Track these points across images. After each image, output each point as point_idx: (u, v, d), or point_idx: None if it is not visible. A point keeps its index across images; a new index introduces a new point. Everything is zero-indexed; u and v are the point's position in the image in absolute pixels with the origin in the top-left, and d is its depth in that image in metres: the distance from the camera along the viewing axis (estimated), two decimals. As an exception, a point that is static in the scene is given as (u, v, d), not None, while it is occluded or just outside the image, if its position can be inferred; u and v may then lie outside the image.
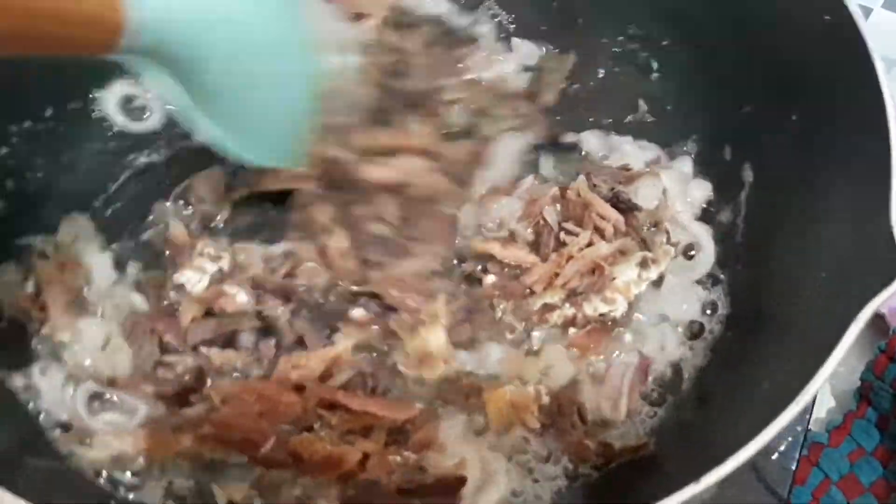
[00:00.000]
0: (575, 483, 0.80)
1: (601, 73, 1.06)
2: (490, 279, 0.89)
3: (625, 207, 0.92)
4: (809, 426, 0.91)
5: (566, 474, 0.80)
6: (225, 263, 0.87)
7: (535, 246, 0.91)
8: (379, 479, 0.73)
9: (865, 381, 0.95)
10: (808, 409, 0.91)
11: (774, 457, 0.87)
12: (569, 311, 0.87)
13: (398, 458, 0.76)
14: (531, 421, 0.80)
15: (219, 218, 0.93)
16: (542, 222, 0.91)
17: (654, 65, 1.05)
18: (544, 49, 1.06)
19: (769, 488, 0.85)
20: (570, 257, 0.88)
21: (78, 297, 0.87)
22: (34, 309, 0.85)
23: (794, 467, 0.87)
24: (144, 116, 0.99)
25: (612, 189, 0.93)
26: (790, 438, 0.88)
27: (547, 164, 1.00)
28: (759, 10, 0.89)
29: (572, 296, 0.88)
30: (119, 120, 0.99)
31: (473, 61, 1.04)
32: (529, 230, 0.92)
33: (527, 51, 1.07)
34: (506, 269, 0.90)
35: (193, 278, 0.86)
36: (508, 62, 1.05)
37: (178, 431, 0.77)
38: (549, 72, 1.05)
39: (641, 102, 1.04)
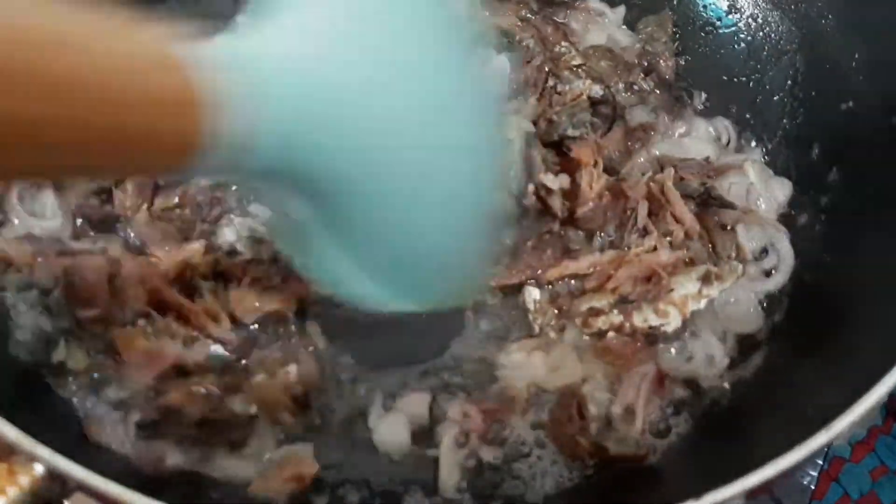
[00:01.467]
0: (568, 483, 0.75)
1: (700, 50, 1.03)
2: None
3: (716, 205, 0.87)
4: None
5: (559, 472, 0.76)
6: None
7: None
8: (182, 408, 0.72)
9: (894, 394, 0.87)
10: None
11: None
12: (616, 318, 0.81)
13: (202, 390, 0.73)
14: (285, 418, 0.74)
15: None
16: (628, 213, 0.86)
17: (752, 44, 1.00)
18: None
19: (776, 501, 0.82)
20: (626, 260, 0.83)
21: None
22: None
23: (807, 481, 0.84)
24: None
25: (703, 184, 0.88)
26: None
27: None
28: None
29: (622, 302, 0.82)
30: None
31: (577, 22, 1.01)
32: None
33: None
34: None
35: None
36: (612, 23, 1.02)
37: (60, 255, 0.78)
38: (652, 40, 1.01)
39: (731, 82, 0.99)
